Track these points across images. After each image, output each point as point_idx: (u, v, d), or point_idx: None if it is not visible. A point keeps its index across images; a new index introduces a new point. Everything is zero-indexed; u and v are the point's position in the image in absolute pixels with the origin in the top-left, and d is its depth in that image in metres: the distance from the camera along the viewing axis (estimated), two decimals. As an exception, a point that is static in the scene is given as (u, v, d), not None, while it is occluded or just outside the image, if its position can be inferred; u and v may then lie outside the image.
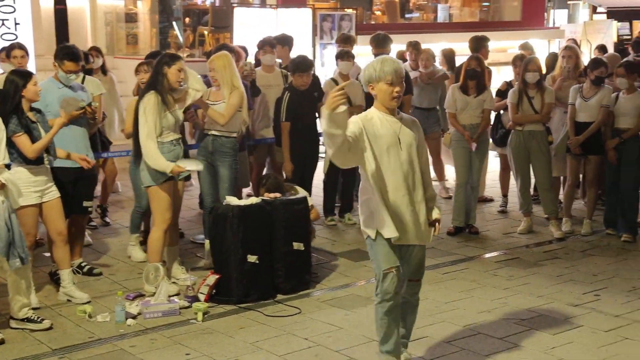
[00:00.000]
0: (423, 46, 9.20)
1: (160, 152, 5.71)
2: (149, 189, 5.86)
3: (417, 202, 4.29)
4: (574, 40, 10.60)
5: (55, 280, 5.96)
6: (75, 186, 6.03)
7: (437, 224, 4.38)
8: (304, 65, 7.47)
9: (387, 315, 4.25)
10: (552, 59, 8.79)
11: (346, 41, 8.84)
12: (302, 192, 6.36)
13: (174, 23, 12.59)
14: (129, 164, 6.67)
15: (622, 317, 5.33)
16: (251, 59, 8.43)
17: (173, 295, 5.69)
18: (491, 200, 8.73)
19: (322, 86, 7.84)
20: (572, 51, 8.16)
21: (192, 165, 5.99)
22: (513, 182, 7.95)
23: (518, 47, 9.91)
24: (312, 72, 7.61)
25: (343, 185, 8.14)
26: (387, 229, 4.19)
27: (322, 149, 7.96)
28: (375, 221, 4.23)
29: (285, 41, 8.70)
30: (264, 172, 8.34)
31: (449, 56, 9.56)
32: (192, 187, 8.89)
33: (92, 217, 7.50)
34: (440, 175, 9.19)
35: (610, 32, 15.27)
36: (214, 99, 6.42)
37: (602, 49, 10.76)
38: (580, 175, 8.01)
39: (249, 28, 10.66)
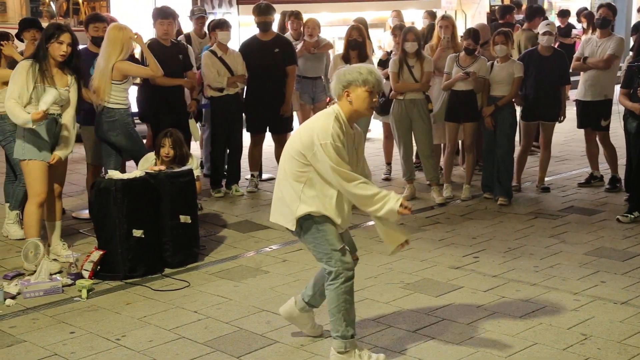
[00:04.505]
0: (305, 16, 9.21)
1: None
2: (21, 163, 5.71)
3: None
4: (432, 12, 10.90)
5: None
6: None
7: None
8: (164, 12, 7.35)
9: (350, 294, 4.15)
10: (430, 29, 9.01)
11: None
12: (194, 162, 6.29)
13: (46, -10, 12.05)
14: None
15: (499, 277, 5.59)
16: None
17: (55, 273, 5.51)
18: None
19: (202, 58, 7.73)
20: (448, 21, 8.38)
21: (49, 96, 5.55)
22: (396, 150, 8.13)
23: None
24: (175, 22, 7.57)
25: (230, 157, 8.08)
26: (336, 216, 4.14)
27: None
28: (323, 206, 4.13)
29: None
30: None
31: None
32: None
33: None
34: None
35: (483, 3, 15.82)
36: None
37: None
38: (460, 142, 8.30)
39: (127, -4, 10.37)
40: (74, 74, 5.79)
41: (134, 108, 7.81)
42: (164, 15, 7.35)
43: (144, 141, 7.69)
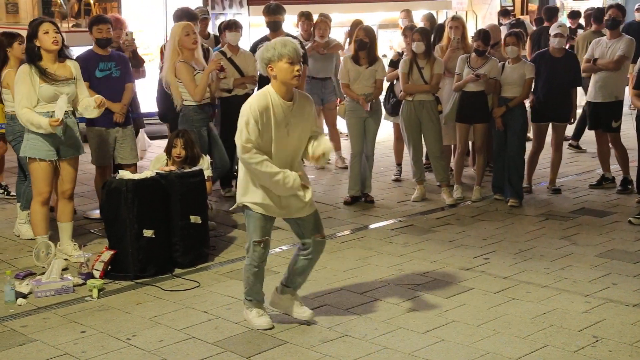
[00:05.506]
0: (316, 17, 9.22)
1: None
2: (28, 161, 5.77)
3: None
4: (431, 16, 10.82)
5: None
6: None
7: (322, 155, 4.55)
8: (191, 14, 7.39)
9: (254, 276, 4.70)
10: (439, 30, 8.98)
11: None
12: (205, 162, 6.31)
13: (58, -10, 12.05)
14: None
15: (509, 279, 5.57)
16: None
17: (63, 269, 5.52)
18: None
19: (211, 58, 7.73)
20: (459, 22, 8.35)
21: (61, 102, 5.61)
22: (406, 151, 8.12)
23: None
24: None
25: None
26: (261, 206, 4.53)
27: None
28: (252, 195, 4.52)
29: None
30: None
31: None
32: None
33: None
34: (336, 146, 9.27)
35: (494, 4, 15.77)
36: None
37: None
38: (470, 143, 8.28)
39: (138, -3, 10.39)
40: (74, 63, 5.84)
41: (154, 108, 7.86)
42: (190, 18, 7.37)
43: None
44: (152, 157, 7.48)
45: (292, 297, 4.86)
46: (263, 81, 7.84)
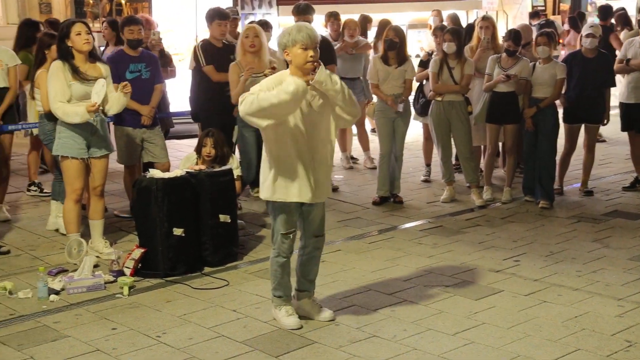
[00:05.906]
0: (345, 17, 9.22)
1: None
2: (60, 159, 5.84)
3: (318, 161, 4.57)
4: (455, 16, 10.69)
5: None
6: None
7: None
8: (223, 13, 7.43)
9: (281, 268, 4.73)
10: (468, 30, 8.92)
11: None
12: (234, 162, 6.34)
13: (90, -9, 12.20)
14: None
15: (540, 281, 5.52)
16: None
17: (93, 267, 5.57)
18: None
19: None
20: (489, 21, 8.30)
21: (98, 87, 5.66)
22: (436, 152, 8.08)
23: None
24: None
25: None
26: (289, 194, 4.54)
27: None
28: (277, 186, 4.55)
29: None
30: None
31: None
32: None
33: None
34: (365, 146, 9.26)
35: (525, 3, 15.66)
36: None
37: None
38: (500, 144, 8.21)
39: (168, -2, 10.47)
40: (105, 66, 5.89)
41: (187, 107, 7.91)
42: (222, 17, 7.43)
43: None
44: (182, 156, 7.55)
45: (309, 302, 4.89)
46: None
